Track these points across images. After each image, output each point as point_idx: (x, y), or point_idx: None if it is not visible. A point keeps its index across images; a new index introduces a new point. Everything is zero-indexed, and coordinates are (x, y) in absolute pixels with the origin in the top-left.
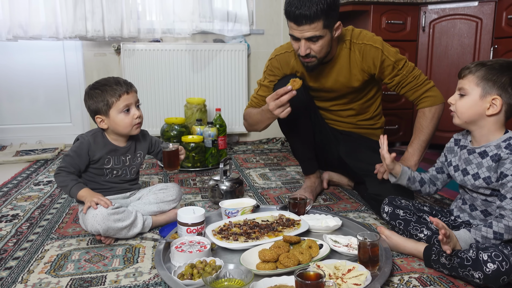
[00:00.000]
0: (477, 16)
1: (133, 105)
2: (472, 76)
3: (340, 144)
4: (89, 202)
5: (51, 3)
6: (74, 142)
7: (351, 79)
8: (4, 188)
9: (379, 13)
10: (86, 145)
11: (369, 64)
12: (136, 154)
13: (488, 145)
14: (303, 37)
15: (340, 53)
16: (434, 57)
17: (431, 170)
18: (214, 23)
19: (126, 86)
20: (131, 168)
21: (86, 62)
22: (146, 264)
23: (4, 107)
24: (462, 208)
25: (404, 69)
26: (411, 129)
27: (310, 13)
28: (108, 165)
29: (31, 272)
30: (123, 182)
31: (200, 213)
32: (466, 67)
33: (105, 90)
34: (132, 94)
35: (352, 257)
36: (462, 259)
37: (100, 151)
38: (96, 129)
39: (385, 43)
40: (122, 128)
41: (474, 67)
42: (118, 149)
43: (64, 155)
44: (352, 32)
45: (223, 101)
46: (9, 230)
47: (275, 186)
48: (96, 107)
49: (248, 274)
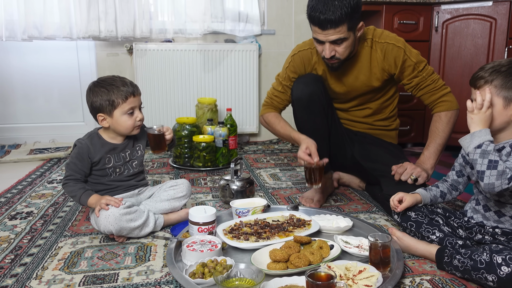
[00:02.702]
0: (491, 16)
1: (137, 108)
2: (489, 86)
3: (354, 146)
4: (99, 205)
5: (65, 4)
6: (72, 148)
7: (371, 78)
8: (18, 186)
9: (391, 13)
10: (85, 149)
11: (390, 63)
12: (136, 148)
13: (507, 142)
14: (327, 40)
15: (362, 52)
16: (447, 58)
17: (451, 174)
18: (225, 23)
19: (133, 88)
20: (131, 162)
21: (99, 62)
22: (158, 263)
23: (19, 106)
24: (475, 209)
25: (424, 71)
26: (423, 130)
27: (335, 18)
28: (109, 164)
29: (45, 268)
30: (128, 179)
31: (211, 213)
32: (479, 76)
33: (112, 90)
34: (138, 97)
35: (363, 258)
36: (476, 261)
37: (99, 152)
38: (91, 132)
39: (407, 44)
40: (124, 129)
41: (489, 76)
42: (116, 147)
43: (66, 163)
44: (374, 31)
45: (234, 101)
46: (24, 227)
47: (285, 186)
48: (100, 105)
49: (259, 274)
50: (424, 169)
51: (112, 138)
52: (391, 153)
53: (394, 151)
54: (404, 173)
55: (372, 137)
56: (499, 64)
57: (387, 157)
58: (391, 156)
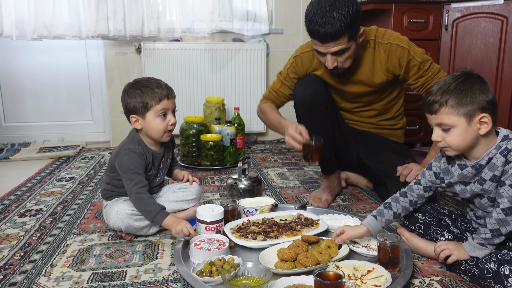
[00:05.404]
0: (502, 15)
1: (170, 111)
2: (446, 108)
3: (360, 145)
4: (176, 232)
5: (74, 4)
6: (123, 157)
7: (374, 79)
8: (28, 184)
9: (400, 12)
10: (140, 155)
11: (394, 64)
12: (167, 157)
13: (488, 153)
14: (328, 52)
15: (364, 54)
16: (457, 57)
17: (416, 188)
18: (233, 22)
19: (167, 90)
20: (163, 171)
21: (107, 61)
22: (166, 261)
23: (29, 105)
24: (478, 223)
25: (430, 70)
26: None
27: (335, 31)
28: (149, 172)
29: (54, 265)
30: (157, 186)
31: (219, 211)
32: (431, 100)
33: (146, 91)
34: (172, 100)
35: (371, 258)
36: (482, 269)
37: (148, 159)
38: (133, 137)
39: (411, 43)
40: (155, 132)
41: (441, 97)
42: (157, 155)
43: (127, 175)
44: (376, 32)
45: (242, 100)
46: (33, 225)
47: (293, 186)
48: (133, 106)
49: (267, 273)
50: None
51: (151, 144)
52: (397, 153)
53: (400, 150)
54: (410, 174)
55: (378, 136)
56: (445, 84)
57: (392, 157)
58: (396, 156)
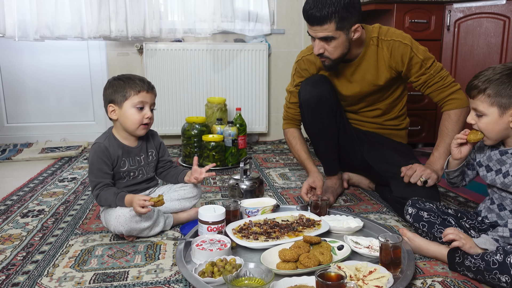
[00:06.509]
0: (504, 15)
1: (148, 105)
2: (482, 96)
3: (364, 146)
4: (136, 210)
5: (76, 4)
6: (90, 152)
7: (378, 77)
8: (30, 184)
9: (402, 12)
10: (104, 150)
11: (397, 60)
12: (148, 153)
13: None
14: (316, 36)
15: (368, 51)
16: (459, 57)
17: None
18: (235, 23)
19: (148, 85)
20: (147, 168)
21: (109, 61)
22: (167, 261)
23: (31, 105)
24: (490, 208)
25: (432, 68)
26: (434, 130)
27: (321, 15)
28: (124, 167)
29: (56, 266)
30: (141, 182)
31: (221, 212)
32: (473, 85)
33: (128, 82)
34: (151, 95)
35: (373, 259)
36: (488, 262)
37: (116, 153)
38: (106, 132)
39: (414, 40)
40: (130, 123)
41: (482, 84)
42: (131, 150)
43: (89, 172)
44: (379, 29)
45: (244, 100)
46: (35, 225)
47: (295, 186)
48: (113, 96)
49: (269, 274)
50: (434, 170)
51: (125, 138)
52: (401, 154)
53: (404, 151)
54: (414, 175)
55: (382, 137)
56: (493, 72)
57: (396, 158)
58: (400, 157)
